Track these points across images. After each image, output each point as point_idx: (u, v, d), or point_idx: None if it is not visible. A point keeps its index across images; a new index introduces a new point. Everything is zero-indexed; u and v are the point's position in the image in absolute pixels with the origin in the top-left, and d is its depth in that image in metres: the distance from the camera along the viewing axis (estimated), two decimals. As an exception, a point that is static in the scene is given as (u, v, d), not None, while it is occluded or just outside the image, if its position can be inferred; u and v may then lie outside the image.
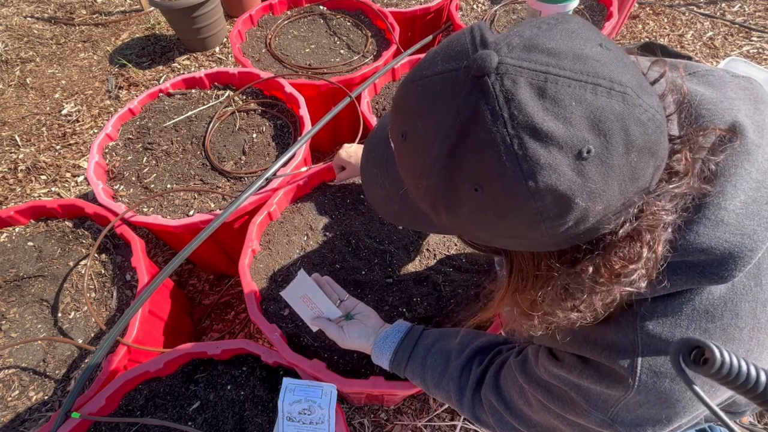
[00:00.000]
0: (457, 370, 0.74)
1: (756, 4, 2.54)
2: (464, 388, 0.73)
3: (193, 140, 1.39)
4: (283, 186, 1.24)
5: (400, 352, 0.81)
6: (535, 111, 0.35)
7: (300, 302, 0.89)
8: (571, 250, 0.43)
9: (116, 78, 2.30)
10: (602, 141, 0.35)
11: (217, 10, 2.31)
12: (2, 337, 1.08)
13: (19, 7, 2.72)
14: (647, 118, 0.36)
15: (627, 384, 0.48)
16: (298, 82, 1.55)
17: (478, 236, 0.45)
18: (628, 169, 0.36)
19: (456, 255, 1.14)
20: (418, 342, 0.81)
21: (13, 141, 2.04)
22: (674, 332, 0.47)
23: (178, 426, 0.92)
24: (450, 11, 2.02)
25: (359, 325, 0.86)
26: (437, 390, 0.77)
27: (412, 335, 0.82)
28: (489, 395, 0.69)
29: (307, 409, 0.87)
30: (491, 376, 0.70)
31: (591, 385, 0.51)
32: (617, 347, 0.49)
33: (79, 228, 1.25)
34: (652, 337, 0.47)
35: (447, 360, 0.76)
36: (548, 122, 0.35)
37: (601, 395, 0.51)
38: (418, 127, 0.41)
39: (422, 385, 0.80)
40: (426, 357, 0.78)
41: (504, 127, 0.35)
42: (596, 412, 0.51)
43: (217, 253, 1.46)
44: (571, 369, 0.54)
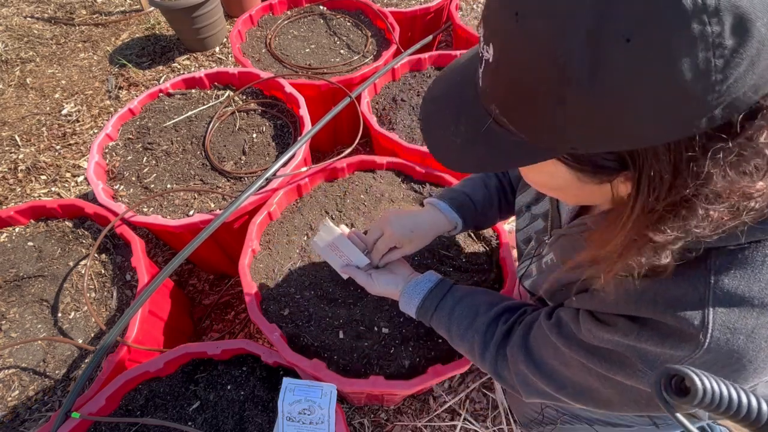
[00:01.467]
0: (483, 324, 0.74)
1: (756, 4, 2.54)
2: (488, 342, 0.73)
3: (193, 140, 1.39)
4: (283, 186, 1.24)
5: (429, 300, 0.81)
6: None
7: (329, 251, 0.90)
8: (723, 128, 0.34)
9: (116, 78, 2.30)
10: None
11: (217, 10, 2.31)
12: (2, 337, 1.08)
13: (19, 7, 2.72)
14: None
15: (697, 341, 0.43)
16: (298, 82, 1.55)
17: (609, 133, 0.36)
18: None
19: (456, 255, 1.14)
20: (448, 293, 0.81)
21: (13, 141, 2.04)
22: (752, 287, 0.42)
23: (178, 426, 0.92)
24: (450, 11, 2.02)
25: (388, 273, 0.87)
26: (461, 341, 0.77)
27: (442, 285, 0.82)
28: (517, 354, 0.67)
29: (307, 409, 0.87)
30: (519, 335, 0.68)
31: (651, 347, 0.47)
32: (684, 302, 0.44)
33: (79, 228, 1.25)
34: (726, 291, 0.43)
35: (475, 313, 0.76)
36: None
37: (662, 355, 0.47)
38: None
39: (447, 335, 0.80)
40: (454, 308, 0.78)
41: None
42: (653, 372, 0.47)
43: (217, 253, 1.46)
44: (627, 333, 0.49)
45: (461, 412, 1.34)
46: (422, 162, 1.34)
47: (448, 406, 1.36)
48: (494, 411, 1.35)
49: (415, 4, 2.06)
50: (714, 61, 0.30)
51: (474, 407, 1.36)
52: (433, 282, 0.83)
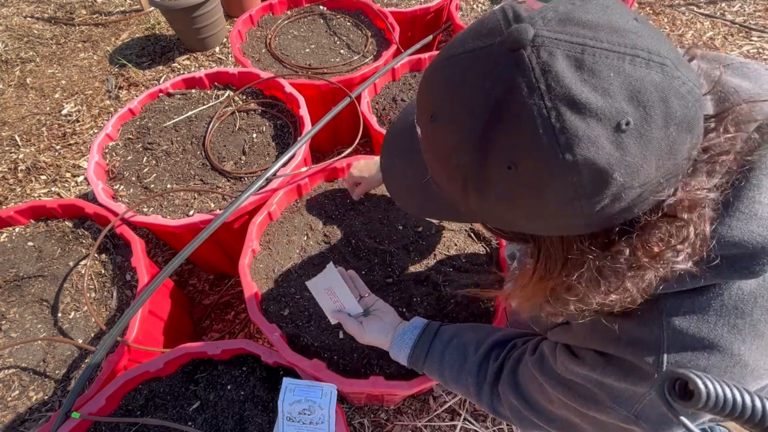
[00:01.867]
0: (475, 365, 0.75)
1: (756, 4, 2.54)
2: (482, 382, 0.74)
3: (193, 140, 1.39)
4: (283, 186, 1.24)
5: (418, 348, 0.81)
6: (572, 82, 0.34)
7: (324, 294, 0.91)
8: (604, 233, 0.41)
9: (116, 78, 2.30)
10: (641, 113, 0.34)
11: (217, 10, 2.31)
12: (2, 337, 1.08)
13: (19, 7, 2.72)
14: (686, 90, 0.35)
15: (652, 380, 0.47)
16: (298, 82, 1.55)
17: (506, 221, 0.44)
18: (666, 143, 0.35)
19: (456, 255, 1.14)
20: (435, 338, 0.81)
21: (13, 141, 2.04)
22: (701, 328, 0.46)
23: (178, 426, 0.92)
24: (450, 11, 2.02)
25: (378, 321, 0.88)
26: (456, 384, 0.78)
27: (429, 331, 0.83)
28: (507, 391, 0.69)
29: (307, 409, 0.87)
30: (508, 372, 0.70)
31: (615, 382, 0.50)
32: (642, 343, 0.48)
33: (79, 228, 1.25)
34: (678, 332, 0.46)
35: (465, 355, 0.77)
36: (586, 93, 0.34)
37: (625, 392, 0.50)
38: (449, 107, 0.40)
39: (441, 380, 0.81)
40: (444, 352, 0.79)
41: (541, 100, 0.34)
42: (620, 408, 0.51)
43: (217, 253, 1.46)
44: (594, 367, 0.53)
45: (461, 412, 1.34)
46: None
47: (448, 406, 1.36)
48: (494, 411, 1.35)
49: (415, 4, 2.06)
50: (577, 196, 0.36)
51: (474, 407, 1.36)
52: (419, 328, 0.84)
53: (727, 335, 0.45)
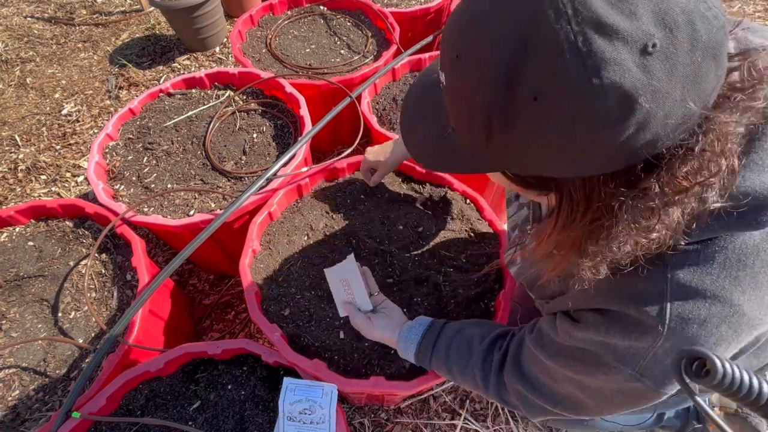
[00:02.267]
0: (480, 356, 0.76)
1: (756, 4, 2.54)
2: (488, 373, 0.74)
3: (193, 140, 1.39)
4: (284, 186, 1.24)
5: (424, 344, 0.83)
6: (599, 5, 0.34)
7: (339, 284, 0.92)
8: (627, 171, 0.40)
9: (116, 78, 2.30)
10: (667, 35, 0.34)
11: (217, 10, 2.31)
12: (2, 337, 1.08)
13: (19, 7, 2.72)
14: (712, 15, 0.35)
15: (656, 332, 0.48)
16: (298, 82, 1.55)
17: (528, 163, 0.43)
18: (691, 69, 0.35)
19: (456, 255, 1.14)
20: (441, 333, 0.83)
21: (13, 141, 2.04)
22: (704, 279, 0.47)
23: (178, 426, 0.92)
24: (450, 11, 2.02)
25: (385, 318, 0.89)
26: (463, 378, 0.79)
27: (433, 328, 0.84)
28: (512, 378, 0.69)
29: (307, 409, 0.87)
30: (511, 357, 0.71)
31: (618, 340, 0.51)
32: (645, 296, 0.49)
33: (79, 228, 1.25)
34: (681, 285, 0.47)
35: (470, 348, 0.78)
36: (613, 16, 0.34)
37: (629, 349, 0.51)
38: (472, 42, 0.40)
39: (448, 375, 0.82)
40: (450, 346, 0.80)
41: (568, 24, 0.34)
42: (624, 367, 0.51)
43: (218, 253, 1.46)
44: (597, 327, 0.53)
45: (461, 412, 1.34)
46: (422, 162, 1.34)
47: (448, 406, 1.36)
48: (494, 411, 1.35)
49: (415, 4, 2.06)
50: (602, 125, 0.36)
51: (474, 407, 1.36)
52: (424, 326, 0.85)
53: (728, 286, 0.47)
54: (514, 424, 1.32)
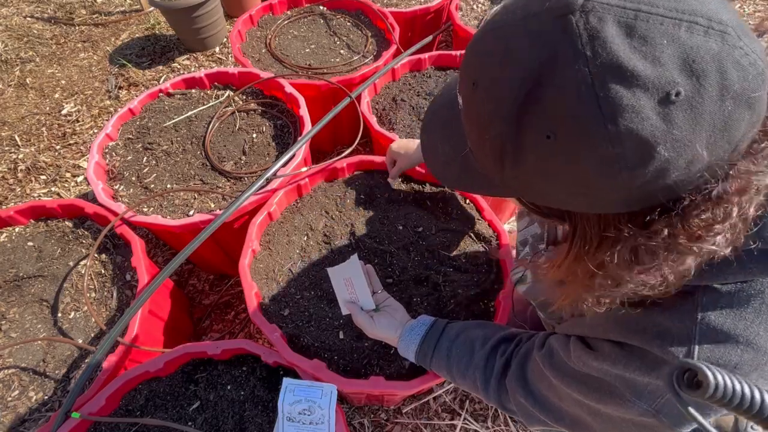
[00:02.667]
0: (482, 359, 0.75)
1: (756, 4, 2.54)
2: (489, 377, 0.74)
3: (193, 140, 1.39)
4: (284, 186, 1.24)
5: (425, 344, 0.82)
6: (620, 49, 0.32)
7: (342, 283, 0.93)
8: (643, 212, 0.39)
9: (116, 78, 2.30)
10: (694, 83, 0.32)
11: (217, 10, 2.31)
12: (2, 337, 1.08)
13: (19, 7, 2.72)
14: (748, 62, 0.33)
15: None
16: (298, 82, 1.55)
17: (542, 194, 0.42)
18: (720, 118, 0.33)
19: (456, 255, 1.14)
20: (443, 334, 0.82)
21: (13, 141, 2.04)
22: (737, 324, 0.44)
23: (178, 426, 0.92)
24: (450, 11, 2.02)
25: (387, 317, 0.88)
26: (463, 380, 0.78)
27: (436, 328, 0.83)
28: (515, 388, 0.68)
29: (307, 409, 0.87)
30: (516, 367, 0.70)
31: (637, 376, 0.49)
32: (671, 335, 0.46)
33: (79, 228, 1.25)
34: (712, 327, 0.44)
35: (472, 350, 0.77)
36: (634, 61, 0.32)
37: (648, 386, 0.48)
38: (490, 73, 0.39)
39: (448, 376, 0.81)
40: (451, 348, 0.79)
41: (585, 66, 0.33)
42: (641, 402, 0.49)
43: (217, 253, 1.46)
44: (615, 360, 0.51)
45: (461, 412, 1.34)
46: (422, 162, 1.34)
47: (448, 407, 1.36)
48: (494, 411, 1.35)
49: (415, 4, 2.06)
50: (618, 170, 0.35)
51: (474, 407, 1.36)
52: (427, 325, 0.84)
53: (763, 333, 0.44)
54: (514, 425, 1.32)
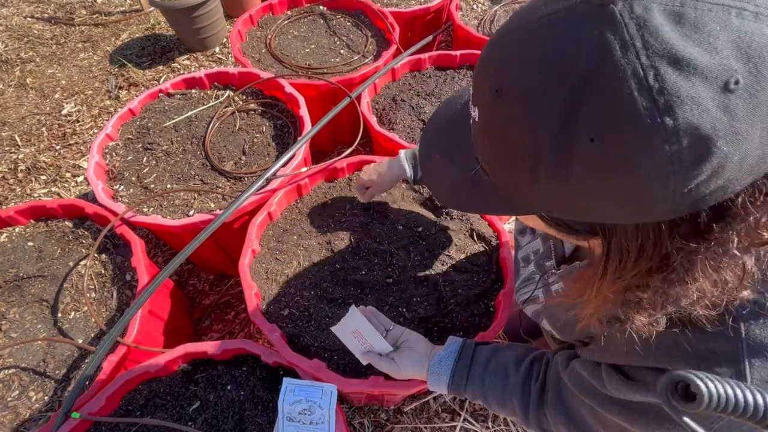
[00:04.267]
0: (517, 386, 0.72)
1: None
2: (527, 404, 0.71)
3: (193, 140, 1.39)
4: (283, 186, 1.24)
5: (457, 375, 0.77)
6: (673, 37, 0.30)
7: (350, 337, 0.87)
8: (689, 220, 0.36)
9: (116, 78, 2.30)
10: (751, 70, 0.30)
11: (217, 10, 2.31)
12: (2, 337, 1.08)
13: (19, 7, 2.72)
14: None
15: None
16: (298, 82, 1.55)
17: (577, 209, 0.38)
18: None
19: (456, 255, 1.14)
20: (473, 361, 0.78)
21: (13, 141, 2.04)
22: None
23: (177, 426, 0.92)
24: (450, 11, 2.02)
25: (410, 353, 0.83)
26: (501, 407, 0.75)
27: (465, 354, 0.79)
28: (555, 416, 0.65)
29: (307, 409, 0.87)
30: (553, 394, 0.66)
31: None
32: (717, 355, 0.43)
33: (79, 228, 1.25)
34: (759, 341, 0.42)
35: (506, 376, 0.74)
36: (689, 49, 0.30)
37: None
38: (520, 77, 0.35)
39: (484, 403, 0.77)
40: (484, 376, 0.75)
41: (637, 58, 0.30)
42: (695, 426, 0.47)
43: (217, 253, 1.46)
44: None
45: (461, 412, 1.34)
46: (422, 162, 1.34)
47: (448, 407, 1.36)
48: (494, 411, 1.35)
49: (415, 4, 2.06)
50: (672, 171, 0.32)
51: (474, 407, 1.36)
52: (455, 352, 0.79)
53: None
54: (514, 426, 1.32)
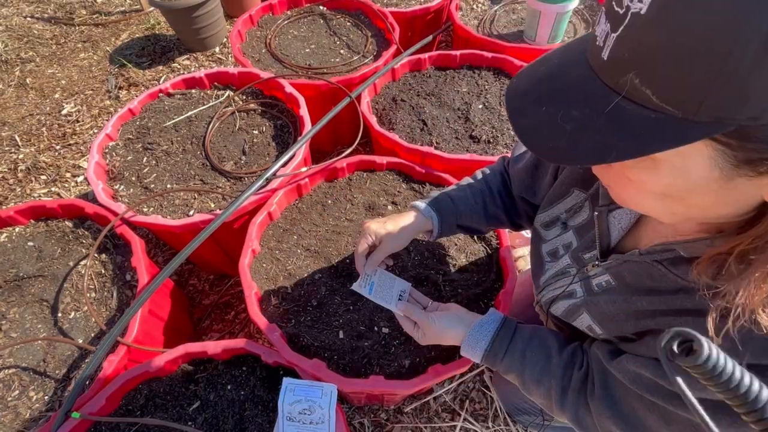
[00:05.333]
0: (559, 368, 0.69)
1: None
2: (566, 388, 0.68)
3: (193, 140, 1.39)
4: (283, 186, 1.24)
5: (497, 342, 0.74)
6: None
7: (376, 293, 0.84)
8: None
9: (116, 78, 2.30)
10: None
11: (217, 10, 2.31)
12: (2, 337, 1.08)
13: (19, 7, 2.72)
14: None
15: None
16: (298, 82, 1.55)
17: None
18: None
19: (456, 255, 1.14)
20: (516, 334, 0.74)
21: (13, 141, 2.04)
22: None
23: (178, 426, 0.92)
24: (450, 11, 2.02)
25: (447, 313, 0.81)
26: (537, 386, 0.71)
27: (508, 326, 0.76)
28: (601, 409, 0.61)
29: (307, 409, 0.87)
30: (600, 386, 0.63)
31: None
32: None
33: (79, 228, 1.25)
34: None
35: (548, 356, 0.71)
36: None
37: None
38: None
39: (518, 379, 0.74)
40: (525, 350, 0.72)
41: None
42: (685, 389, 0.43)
43: (217, 253, 1.46)
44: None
45: (461, 412, 1.34)
46: (422, 162, 1.34)
47: (448, 407, 1.36)
48: (494, 412, 1.35)
49: (415, 4, 2.06)
50: None
51: (474, 407, 1.36)
52: (498, 322, 0.76)
53: None
54: (514, 425, 1.32)
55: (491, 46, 1.78)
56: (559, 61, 0.42)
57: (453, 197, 0.90)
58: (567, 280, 0.70)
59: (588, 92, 0.37)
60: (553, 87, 0.41)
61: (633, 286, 0.58)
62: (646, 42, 0.33)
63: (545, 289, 0.76)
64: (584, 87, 0.38)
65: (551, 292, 0.74)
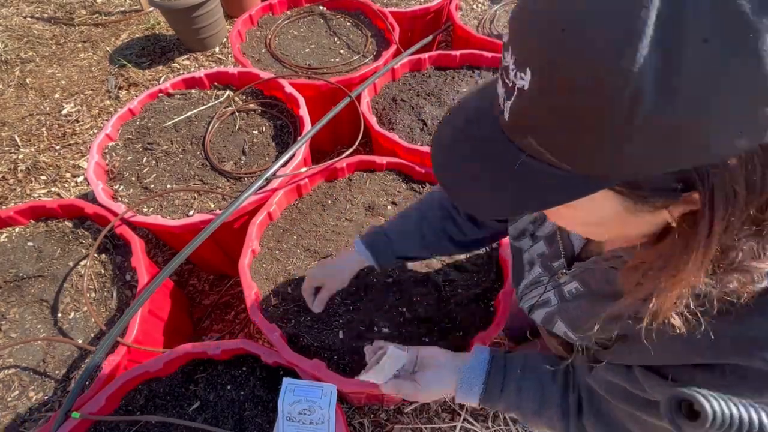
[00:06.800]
0: (556, 395, 0.69)
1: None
2: (567, 413, 0.68)
3: (193, 140, 1.39)
4: (283, 186, 1.24)
5: (491, 384, 0.72)
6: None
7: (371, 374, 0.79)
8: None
9: (116, 78, 2.30)
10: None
11: (217, 10, 2.31)
12: (2, 337, 1.08)
13: (19, 7, 2.72)
14: None
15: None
16: (298, 82, 1.55)
17: (683, 145, 0.32)
18: None
19: (456, 255, 1.14)
20: (507, 368, 0.73)
21: (13, 141, 2.04)
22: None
23: (178, 421, 0.92)
24: (450, 11, 2.02)
25: (431, 369, 0.77)
26: (538, 418, 0.71)
27: (496, 363, 0.74)
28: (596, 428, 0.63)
29: (307, 409, 0.87)
30: (588, 405, 0.65)
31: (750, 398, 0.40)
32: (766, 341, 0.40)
33: (79, 228, 1.25)
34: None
35: (542, 385, 0.71)
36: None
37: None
38: (597, 4, 0.30)
39: (518, 413, 0.73)
40: (520, 386, 0.71)
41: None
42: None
43: (217, 253, 1.46)
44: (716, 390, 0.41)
45: (461, 412, 1.34)
46: (422, 162, 1.34)
47: (448, 407, 1.36)
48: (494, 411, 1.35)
49: (415, 4, 2.06)
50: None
51: (474, 407, 1.36)
52: (486, 361, 0.74)
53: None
54: (513, 425, 1.32)
55: (491, 46, 1.78)
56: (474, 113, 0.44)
57: (388, 232, 0.90)
58: (541, 288, 0.72)
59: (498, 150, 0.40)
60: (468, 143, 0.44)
61: (597, 292, 0.60)
62: (533, 113, 0.36)
63: (523, 298, 0.77)
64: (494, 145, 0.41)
65: (529, 300, 0.75)
